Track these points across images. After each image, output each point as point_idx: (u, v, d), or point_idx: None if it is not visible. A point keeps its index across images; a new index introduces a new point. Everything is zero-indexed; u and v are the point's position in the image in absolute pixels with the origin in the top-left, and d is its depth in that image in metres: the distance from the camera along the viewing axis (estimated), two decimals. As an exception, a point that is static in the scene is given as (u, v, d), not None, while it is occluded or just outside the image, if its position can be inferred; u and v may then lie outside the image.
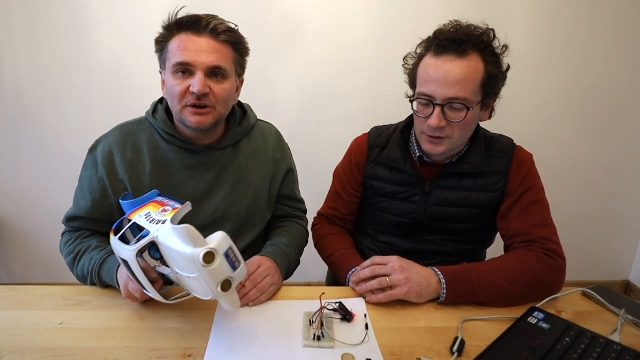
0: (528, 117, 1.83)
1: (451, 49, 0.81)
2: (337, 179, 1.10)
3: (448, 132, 0.86)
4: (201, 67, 0.81)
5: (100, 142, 0.91)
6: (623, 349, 0.65)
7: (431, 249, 1.01)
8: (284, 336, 0.70)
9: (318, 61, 1.72)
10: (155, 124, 0.91)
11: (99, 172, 0.89)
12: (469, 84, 0.81)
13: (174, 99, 0.85)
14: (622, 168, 1.94)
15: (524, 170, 0.93)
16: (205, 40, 0.82)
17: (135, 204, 0.71)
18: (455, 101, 0.82)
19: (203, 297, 0.64)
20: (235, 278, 0.61)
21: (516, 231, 0.90)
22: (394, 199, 1.00)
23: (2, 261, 1.99)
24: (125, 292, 0.75)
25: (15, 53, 1.65)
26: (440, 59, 0.82)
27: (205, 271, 0.57)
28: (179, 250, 0.58)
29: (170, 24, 0.85)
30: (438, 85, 0.82)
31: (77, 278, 0.89)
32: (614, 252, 2.10)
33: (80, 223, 0.91)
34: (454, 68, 0.81)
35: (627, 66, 1.78)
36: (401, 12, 1.67)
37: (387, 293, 0.80)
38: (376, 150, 1.02)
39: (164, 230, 0.61)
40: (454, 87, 0.81)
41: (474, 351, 0.66)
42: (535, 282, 0.81)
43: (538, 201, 0.91)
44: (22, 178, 1.83)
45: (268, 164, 1.01)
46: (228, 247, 0.60)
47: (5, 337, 0.69)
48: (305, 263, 1.09)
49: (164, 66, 0.86)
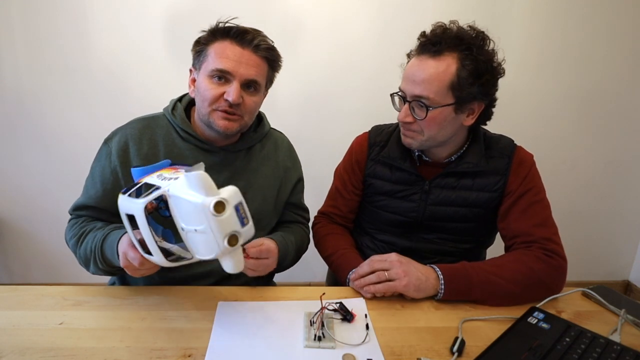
0: (528, 117, 1.83)
1: (427, 49, 0.84)
2: (338, 177, 1.11)
3: (416, 128, 0.89)
4: (239, 78, 0.84)
5: (117, 134, 0.91)
6: (623, 349, 0.65)
7: (430, 248, 1.01)
8: (285, 336, 0.70)
9: (318, 61, 1.72)
10: (173, 121, 0.92)
11: (112, 163, 0.89)
12: (433, 84, 0.83)
13: (204, 101, 0.86)
14: (622, 168, 1.94)
15: (524, 170, 0.93)
16: (247, 52, 0.84)
17: (147, 171, 0.71)
18: (419, 99, 0.85)
19: (206, 256, 0.63)
20: (242, 234, 0.61)
21: (516, 232, 0.90)
22: (394, 197, 1.01)
23: (2, 261, 1.98)
24: (123, 261, 0.72)
25: (15, 53, 1.65)
26: (418, 59, 0.86)
27: (214, 221, 0.57)
28: (189, 200, 0.58)
29: (216, 29, 0.86)
30: (407, 82, 0.87)
31: (80, 261, 0.87)
32: (614, 252, 2.10)
33: (87, 212, 0.91)
34: (423, 67, 0.84)
35: (626, 66, 1.78)
36: (401, 11, 1.67)
37: (385, 284, 0.80)
38: (376, 149, 1.03)
39: (176, 184, 0.61)
40: (419, 85, 0.84)
41: (474, 351, 0.66)
42: (533, 281, 0.81)
43: (538, 201, 0.91)
44: (22, 178, 1.83)
45: (278, 171, 1.02)
46: (238, 201, 0.60)
47: (5, 337, 0.69)
48: (305, 263, 1.09)
49: (199, 67, 0.87)
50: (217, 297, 0.81)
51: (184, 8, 1.61)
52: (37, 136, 1.77)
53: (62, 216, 0.93)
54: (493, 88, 0.88)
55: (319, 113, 1.80)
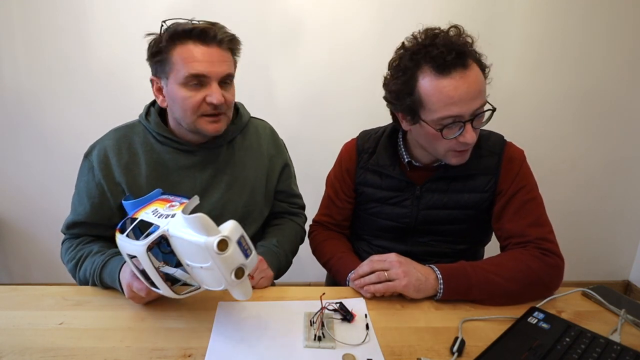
0: (527, 117, 1.83)
1: (458, 64, 0.78)
2: (330, 186, 1.10)
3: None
4: (215, 77, 0.82)
5: (95, 147, 0.91)
6: (623, 349, 0.65)
7: (426, 251, 1.01)
8: (285, 336, 0.70)
9: (318, 60, 1.72)
10: (148, 127, 0.91)
11: (95, 177, 0.88)
12: (483, 92, 0.81)
13: (186, 110, 0.84)
14: (621, 168, 1.94)
15: (515, 168, 0.92)
16: (214, 49, 0.82)
17: (139, 204, 0.72)
18: (479, 111, 0.81)
19: (215, 287, 0.64)
20: (248, 265, 0.62)
21: (511, 232, 0.90)
22: (386, 204, 1.00)
23: (2, 261, 1.99)
24: (128, 292, 0.74)
25: (15, 53, 1.65)
26: (453, 78, 0.78)
27: (219, 259, 0.58)
28: (191, 240, 0.59)
29: (175, 32, 0.81)
30: (464, 103, 0.78)
31: (79, 284, 0.89)
32: (614, 252, 2.10)
33: (80, 229, 0.91)
34: (469, 82, 0.78)
35: (626, 66, 1.78)
36: (401, 11, 1.67)
37: (385, 284, 0.80)
38: (365, 156, 1.02)
39: (175, 222, 0.62)
40: (477, 99, 0.79)
41: (474, 351, 0.66)
42: (532, 279, 0.81)
43: (531, 199, 0.90)
44: (22, 178, 1.83)
45: (263, 160, 1.02)
46: (240, 234, 0.61)
47: (5, 337, 0.69)
48: (304, 263, 1.09)
49: (166, 76, 0.84)
50: (217, 297, 0.81)
51: (184, 8, 1.61)
52: (37, 136, 1.77)
53: (62, 216, 0.93)
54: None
55: (319, 113, 1.80)
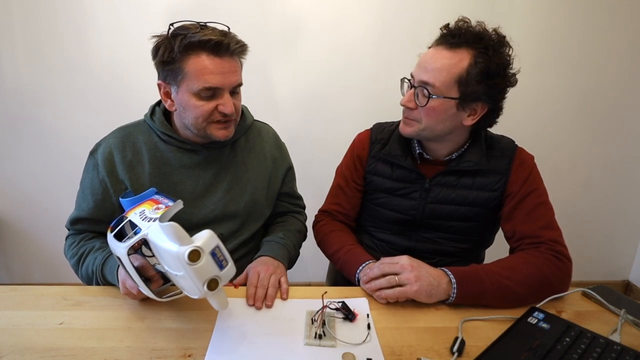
0: (528, 117, 1.83)
1: (446, 41, 0.85)
2: (340, 175, 1.11)
3: (415, 115, 0.90)
4: (228, 88, 0.84)
5: (100, 145, 0.93)
6: (623, 349, 0.65)
7: (429, 248, 1.01)
8: (285, 334, 0.70)
9: (318, 60, 1.72)
10: (153, 126, 0.93)
11: (100, 174, 0.90)
12: (442, 74, 0.83)
13: (197, 118, 0.85)
14: (622, 168, 1.94)
15: (525, 171, 0.93)
16: (227, 61, 0.83)
17: (134, 202, 0.72)
18: (424, 85, 0.85)
19: (192, 295, 0.64)
20: (222, 277, 0.61)
21: (524, 234, 0.89)
22: (393, 194, 1.01)
23: (2, 261, 1.98)
24: (123, 289, 0.76)
25: (15, 53, 1.65)
26: (435, 48, 0.87)
27: (190, 269, 0.58)
28: (166, 248, 0.59)
29: (188, 44, 0.79)
30: (419, 68, 0.87)
31: (82, 280, 0.90)
32: (614, 252, 2.10)
33: (83, 225, 0.93)
34: (437, 57, 0.85)
35: (626, 66, 1.77)
36: (401, 11, 1.66)
37: (396, 289, 0.78)
38: (377, 146, 1.03)
39: (154, 228, 0.62)
40: (428, 72, 0.85)
41: (474, 351, 0.66)
42: (544, 284, 0.81)
43: (542, 203, 0.91)
44: (22, 178, 1.83)
45: (266, 162, 1.03)
46: (214, 245, 0.60)
47: (5, 337, 0.69)
48: (305, 263, 1.09)
49: (177, 84, 0.84)
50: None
51: (184, 8, 1.61)
52: (37, 136, 1.77)
53: (62, 216, 0.93)
54: (500, 94, 0.88)
55: (319, 113, 1.80)
